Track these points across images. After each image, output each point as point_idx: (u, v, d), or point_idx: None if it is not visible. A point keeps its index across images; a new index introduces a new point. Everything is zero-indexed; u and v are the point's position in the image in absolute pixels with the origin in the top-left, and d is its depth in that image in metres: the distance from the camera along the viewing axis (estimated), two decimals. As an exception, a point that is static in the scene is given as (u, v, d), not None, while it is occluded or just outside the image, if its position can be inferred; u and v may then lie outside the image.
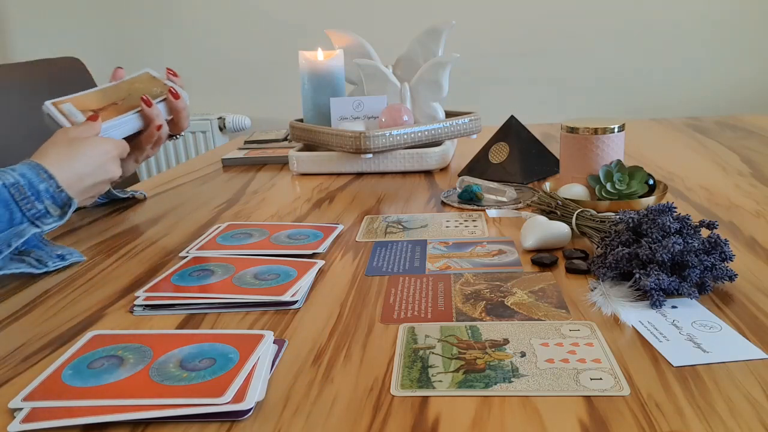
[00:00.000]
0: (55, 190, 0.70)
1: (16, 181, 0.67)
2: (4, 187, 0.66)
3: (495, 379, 0.43)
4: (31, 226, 0.67)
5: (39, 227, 0.68)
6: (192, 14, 2.22)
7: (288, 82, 2.03)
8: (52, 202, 0.70)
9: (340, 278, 0.63)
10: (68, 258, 0.70)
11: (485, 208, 0.84)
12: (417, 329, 0.51)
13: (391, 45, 1.34)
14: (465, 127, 1.12)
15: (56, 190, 0.70)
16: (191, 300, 0.58)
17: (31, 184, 0.68)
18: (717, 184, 0.91)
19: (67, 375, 0.45)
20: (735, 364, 0.44)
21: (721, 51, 2.08)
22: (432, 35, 1.16)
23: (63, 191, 0.71)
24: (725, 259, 0.55)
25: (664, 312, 0.52)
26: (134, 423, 0.40)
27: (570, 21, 2.09)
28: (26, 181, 0.68)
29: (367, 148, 1.02)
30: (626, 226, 0.60)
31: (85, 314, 0.58)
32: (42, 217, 0.69)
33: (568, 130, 0.83)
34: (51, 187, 0.70)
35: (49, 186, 0.70)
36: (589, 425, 0.38)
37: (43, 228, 0.68)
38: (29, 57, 1.79)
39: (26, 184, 0.68)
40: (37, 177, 0.69)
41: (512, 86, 2.15)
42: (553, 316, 0.52)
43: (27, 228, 0.67)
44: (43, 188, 0.69)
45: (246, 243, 0.74)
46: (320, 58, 1.13)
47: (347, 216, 0.85)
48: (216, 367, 0.45)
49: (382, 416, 0.40)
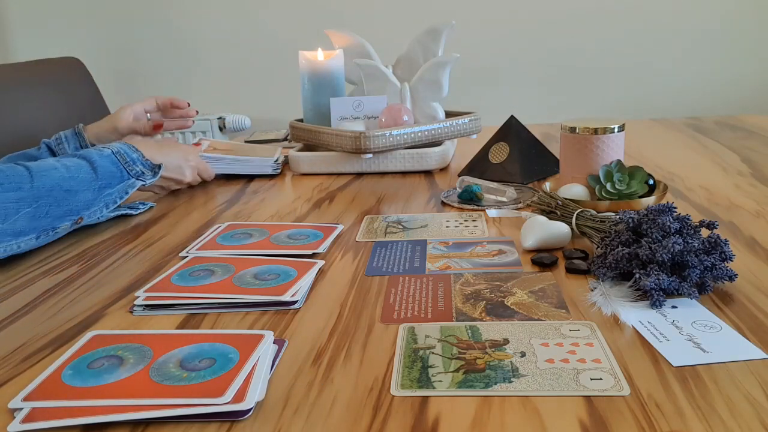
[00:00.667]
0: (143, 159, 0.89)
1: (118, 150, 0.87)
2: (112, 153, 0.86)
3: (495, 379, 0.43)
4: (137, 180, 0.87)
5: (143, 181, 0.88)
6: (192, 14, 2.22)
7: (288, 82, 2.03)
8: (143, 167, 0.89)
9: (340, 278, 0.63)
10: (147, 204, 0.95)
11: (485, 208, 0.84)
12: (417, 329, 0.51)
13: (391, 45, 1.33)
14: (465, 127, 1.12)
15: (144, 159, 0.90)
16: (191, 300, 0.58)
17: (127, 153, 0.88)
18: (717, 184, 0.91)
19: (67, 375, 0.45)
20: (735, 364, 0.44)
21: (721, 51, 2.08)
22: (432, 35, 1.16)
23: (148, 160, 0.90)
24: (725, 259, 0.55)
25: (664, 312, 0.52)
26: (134, 423, 0.40)
27: (570, 21, 2.09)
28: (124, 151, 0.88)
29: (367, 148, 1.02)
30: (626, 226, 0.60)
31: (85, 314, 0.58)
32: (141, 175, 0.88)
33: (568, 130, 0.83)
34: (140, 157, 0.89)
35: (139, 156, 0.89)
36: (589, 425, 0.38)
37: (145, 181, 0.89)
38: (29, 57, 1.79)
39: (125, 152, 0.88)
40: (130, 149, 0.89)
41: (512, 86, 2.15)
42: (553, 316, 0.52)
43: (135, 182, 0.87)
44: (136, 157, 0.89)
45: (246, 243, 0.74)
46: (320, 58, 1.13)
47: (347, 216, 0.85)
48: (216, 367, 0.45)
49: (382, 416, 0.40)
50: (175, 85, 2.29)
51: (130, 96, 2.30)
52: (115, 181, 0.85)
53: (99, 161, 0.84)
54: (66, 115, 1.43)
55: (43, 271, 0.70)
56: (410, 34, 1.20)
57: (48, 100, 1.38)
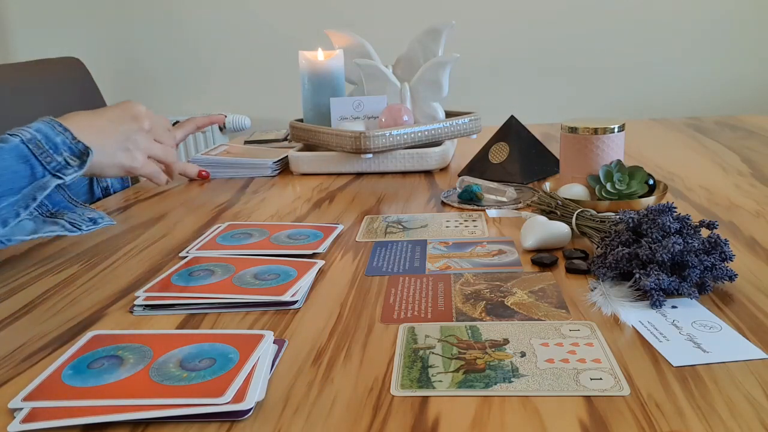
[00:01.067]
0: (71, 141, 0.71)
1: (32, 137, 0.68)
2: (22, 143, 0.67)
3: (495, 379, 0.43)
4: (53, 178, 0.68)
5: (61, 178, 0.68)
6: (192, 14, 2.22)
7: (288, 82, 2.03)
8: (70, 153, 0.70)
9: (340, 278, 0.63)
10: (100, 222, 0.72)
11: (485, 208, 0.84)
12: (417, 329, 0.51)
13: (391, 45, 1.33)
14: (465, 127, 1.12)
15: (72, 141, 0.71)
16: (191, 300, 0.58)
17: (48, 137, 0.69)
18: (717, 184, 0.91)
19: (67, 375, 0.45)
20: (735, 364, 0.44)
21: (721, 51, 2.08)
22: (432, 35, 1.16)
23: (79, 142, 0.71)
24: (725, 259, 0.55)
25: (664, 312, 0.52)
26: (134, 423, 0.40)
27: (570, 21, 2.09)
28: (42, 135, 0.69)
29: (367, 148, 1.02)
30: (626, 226, 0.60)
31: (85, 314, 0.58)
32: (62, 169, 0.69)
33: (568, 130, 0.83)
34: (67, 138, 0.70)
35: (65, 138, 0.70)
36: (589, 425, 0.38)
37: (64, 179, 0.69)
38: (29, 57, 1.79)
39: (43, 138, 0.69)
40: (52, 131, 0.70)
41: (512, 86, 2.15)
42: (553, 316, 0.52)
43: (49, 180, 0.67)
44: (60, 141, 0.70)
45: (246, 243, 0.74)
46: (320, 58, 1.13)
47: (347, 216, 0.85)
48: (216, 367, 0.45)
49: (382, 416, 0.40)
50: (175, 85, 2.29)
51: (130, 96, 2.31)
52: (20, 183, 0.65)
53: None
54: (66, 115, 1.43)
55: (43, 271, 0.69)
56: (410, 34, 1.20)
57: (48, 100, 1.38)
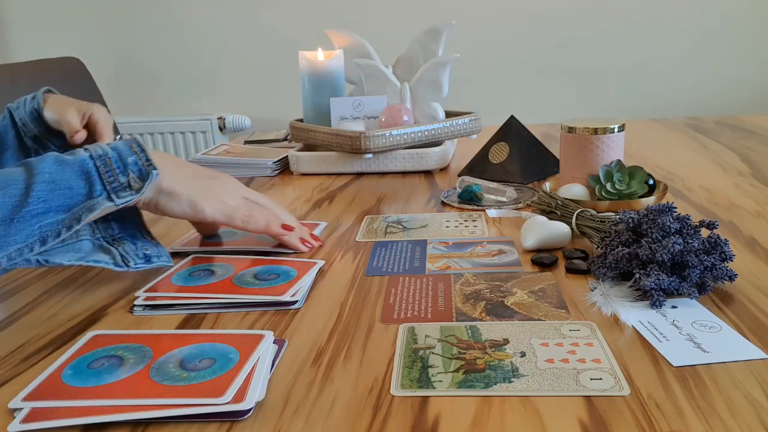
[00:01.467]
0: (144, 162, 0.62)
1: (103, 153, 0.61)
2: (90, 158, 0.60)
3: (495, 379, 0.43)
4: (106, 199, 0.60)
5: (113, 201, 0.60)
6: (192, 14, 2.22)
7: (288, 82, 2.03)
8: (137, 175, 0.62)
9: (340, 278, 0.63)
10: (154, 261, 0.65)
11: (485, 208, 0.84)
12: (417, 329, 0.51)
13: (391, 45, 1.33)
14: (465, 127, 1.12)
15: (146, 163, 0.62)
16: (191, 300, 0.58)
17: (121, 156, 0.62)
18: (717, 184, 0.91)
19: (67, 375, 0.45)
20: (735, 364, 0.44)
21: (721, 51, 2.08)
22: (432, 35, 1.16)
23: (152, 165, 0.62)
24: (725, 259, 0.55)
25: (664, 312, 0.52)
26: (134, 423, 0.40)
27: (570, 21, 2.09)
28: (115, 153, 0.62)
29: (367, 148, 1.02)
30: (626, 226, 0.60)
31: (85, 314, 0.58)
32: (120, 191, 0.61)
33: (568, 130, 0.83)
34: (140, 159, 0.62)
35: (138, 159, 0.62)
36: (589, 425, 0.38)
37: (116, 202, 0.60)
38: (29, 57, 1.79)
39: (114, 156, 0.61)
40: (128, 150, 0.62)
41: (512, 86, 2.15)
42: (553, 316, 0.52)
43: (100, 201, 0.59)
44: (132, 161, 0.62)
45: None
46: (320, 58, 1.13)
47: (347, 216, 0.85)
48: (216, 367, 0.45)
49: (382, 416, 0.40)
50: (175, 85, 2.29)
51: (131, 96, 2.31)
52: (74, 200, 0.58)
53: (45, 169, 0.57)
54: (66, 115, 1.43)
55: (43, 271, 0.69)
56: (410, 34, 1.20)
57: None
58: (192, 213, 0.67)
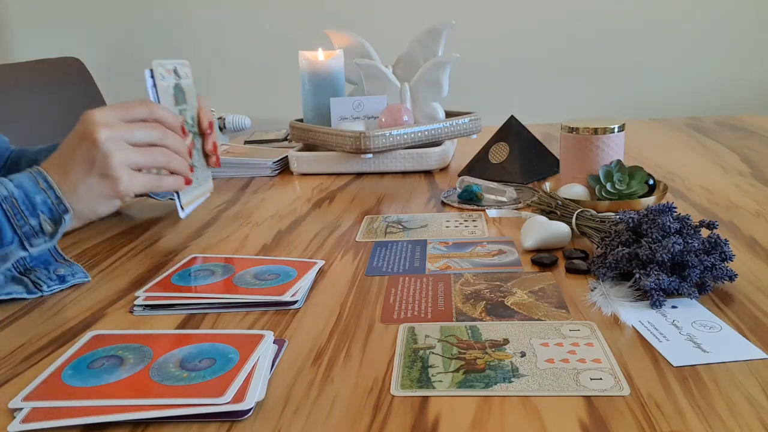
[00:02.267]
0: (53, 200, 0.61)
1: (8, 194, 0.59)
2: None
3: (495, 379, 0.43)
4: (19, 248, 0.59)
5: (26, 249, 0.59)
6: (192, 14, 2.22)
7: (288, 82, 2.03)
8: (49, 216, 0.60)
9: (340, 278, 0.63)
10: (68, 280, 0.63)
11: (485, 208, 0.84)
12: (417, 329, 0.51)
13: (391, 45, 1.33)
14: (465, 127, 1.12)
15: (54, 201, 0.61)
16: (191, 300, 0.58)
17: (27, 195, 0.60)
18: (717, 184, 0.91)
19: (67, 375, 0.45)
20: (735, 364, 0.44)
21: (721, 51, 2.08)
22: (432, 35, 1.16)
23: (62, 202, 0.61)
24: (725, 259, 0.55)
25: (664, 312, 0.52)
26: (134, 423, 0.40)
27: (570, 21, 2.09)
28: (22, 192, 0.60)
29: (367, 148, 1.02)
30: (626, 226, 0.60)
31: (85, 314, 0.58)
32: (32, 237, 0.59)
33: (568, 130, 0.83)
34: (49, 198, 0.60)
35: (47, 197, 0.60)
36: (589, 425, 0.38)
37: (30, 251, 0.59)
38: (29, 57, 1.79)
39: (21, 196, 0.59)
40: (34, 186, 0.60)
41: (512, 86, 2.15)
42: (553, 316, 0.52)
43: (13, 251, 0.58)
44: (40, 200, 0.60)
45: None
46: (320, 58, 1.13)
47: (347, 216, 0.85)
48: (216, 367, 0.45)
49: (382, 416, 0.40)
50: (175, 85, 2.29)
51: (131, 96, 2.31)
52: None
53: None
54: (66, 115, 1.43)
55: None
56: (410, 34, 1.20)
57: (48, 100, 1.38)
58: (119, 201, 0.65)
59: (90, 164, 0.62)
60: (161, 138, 0.67)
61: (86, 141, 0.62)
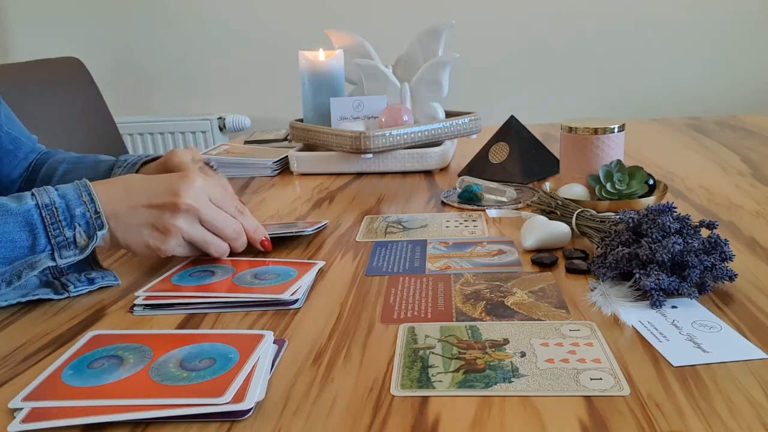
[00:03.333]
0: (92, 215, 0.60)
1: (50, 202, 0.59)
2: (36, 207, 0.58)
3: (495, 379, 0.43)
4: (49, 258, 0.59)
5: (55, 261, 0.59)
6: (192, 14, 2.22)
7: (288, 82, 2.03)
8: (84, 229, 0.60)
9: (340, 278, 0.63)
10: (97, 281, 0.63)
11: (485, 208, 0.84)
12: (417, 329, 0.51)
13: (391, 45, 1.33)
14: (465, 127, 1.12)
15: (93, 216, 0.60)
16: (191, 300, 0.58)
17: (68, 206, 0.60)
18: (717, 184, 0.91)
19: (67, 375, 0.45)
20: (735, 364, 0.44)
21: (721, 51, 2.08)
22: (432, 35, 1.16)
23: (100, 218, 0.60)
24: (725, 259, 0.55)
25: (664, 312, 0.52)
26: (134, 423, 0.40)
27: (570, 21, 2.09)
28: (63, 202, 0.60)
29: (367, 148, 1.02)
30: (626, 226, 0.60)
31: (85, 314, 0.58)
32: (63, 248, 0.59)
33: (568, 130, 0.83)
34: (89, 211, 0.60)
35: (86, 210, 0.60)
36: (589, 425, 0.38)
37: (59, 262, 0.59)
38: (29, 57, 1.79)
39: (62, 206, 0.59)
40: (77, 199, 0.60)
41: (512, 86, 2.15)
42: (553, 316, 0.52)
43: (42, 260, 0.58)
44: (80, 212, 0.60)
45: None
46: (320, 58, 1.13)
47: (347, 216, 0.85)
48: (216, 367, 0.45)
49: (382, 416, 0.40)
50: (176, 85, 2.29)
51: (131, 96, 2.31)
52: (16, 253, 0.58)
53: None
54: (66, 116, 1.43)
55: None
56: (410, 34, 1.20)
57: (48, 100, 1.38)
58: (154, 254, 0.64)
59: (156, 217, 0.63)
60: (233, 238, 0.67)
61: (170, 198, 0.62)
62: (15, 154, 0.91)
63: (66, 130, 1.41)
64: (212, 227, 0.65)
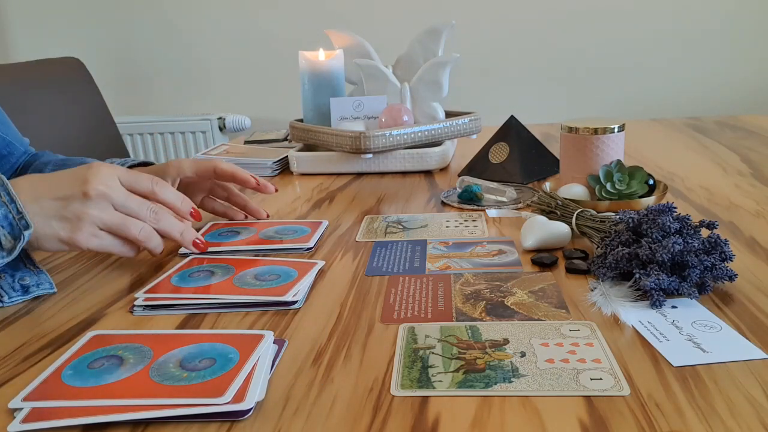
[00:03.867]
0: (15, 215, 0.58)
1: None
2: None
3: (495, 379, 0.43)
4: None
5: None
6: (192, 14, 2.22)
7: (288, 82, 2.03)
8: (9, 230, 0.58)
9: (340, 278, 0.63)
10: (32, 291, 0.62)
11: (485, 208, 0.84)
12: (417, 329, 0.51)
13: (391, 45, 1.33)
14: (465, 127, 1.12)
15: (16, 216, 0.58)
16: (191, 300, 0.58)
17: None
18: (717, 184, 0.91)
19: (67, 375, 0.45)
20: (735, 364, 0.44)
21: (721, 51, 2.08)
22: (432, 35, 1.16)
23: (23, 218, 0.58)
24: (725, 259, 0.55)
25: (664, 312, 0.52)
26: (134, 423, 0.40)
27: (570, 21, 2.09)
28: None
29: (367, 148, 1.02)
30: (626, 226, 0.60)
31: (85, 314, 0.58)
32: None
33: (568, 130, 0.83)
34: (11, 212, 0.58)
35: (8, 211, 0.58)
36: (589, 425, 0.38)
37: None
38: (29, 57, 1.79)
39: None
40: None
41: (512, 86, 2.15)
42: (553, 316, 0.52)
43: None
44: (2, 213, 0.58)
45: (235, 240, 0.75)
46: (320, 58, 1.13)
47: (347, 216, 0.85)
48: (216, 367, 0.45)
49: (382, 416, 0.40)
50: (176, 85, 2.29)
51: (131, 96, 2.31)
52: None
53: None
54: (66, 116, 1.43)
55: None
56: (410, 34, 1.20)
57: (48, 100, 1.38)
58: (68, 248, 0.62)
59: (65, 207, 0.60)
60: (153, 218, 0.64)
61: (78, 187, 0.60)
62: (8, 159, 0.91)
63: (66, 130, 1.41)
64: (127, 210, 0.62)
